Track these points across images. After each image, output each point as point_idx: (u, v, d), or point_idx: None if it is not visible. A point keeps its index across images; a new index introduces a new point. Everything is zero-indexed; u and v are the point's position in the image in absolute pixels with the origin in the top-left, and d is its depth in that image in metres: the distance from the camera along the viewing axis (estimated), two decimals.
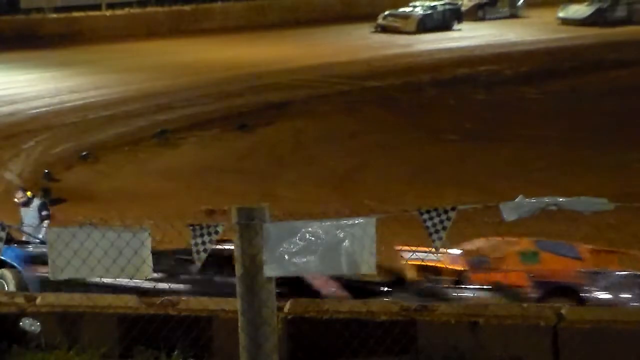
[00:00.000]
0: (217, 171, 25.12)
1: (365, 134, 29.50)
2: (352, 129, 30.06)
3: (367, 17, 47.20)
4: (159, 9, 46.28)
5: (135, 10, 45.88)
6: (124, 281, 10.20)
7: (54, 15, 43.97)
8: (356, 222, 5.64)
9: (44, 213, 16.09)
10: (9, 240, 14.07)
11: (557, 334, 7.07)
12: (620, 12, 47.96)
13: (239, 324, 5.43)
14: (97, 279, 10.76)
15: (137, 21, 44.35)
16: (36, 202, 16.20)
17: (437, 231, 6.19)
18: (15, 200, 16.25)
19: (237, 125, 30.20)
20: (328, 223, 5.62)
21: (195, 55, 40.42)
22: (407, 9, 47.08)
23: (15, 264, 13.85)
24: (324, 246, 5.55)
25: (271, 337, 5.47)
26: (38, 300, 8.29)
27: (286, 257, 5.50)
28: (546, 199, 6.26)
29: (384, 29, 45.95)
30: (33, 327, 7.77)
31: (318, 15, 48.96)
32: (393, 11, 46.79)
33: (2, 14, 42.84)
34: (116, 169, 25.66)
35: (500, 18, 50.07)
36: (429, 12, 46.59)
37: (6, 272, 13.79)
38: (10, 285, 13.44)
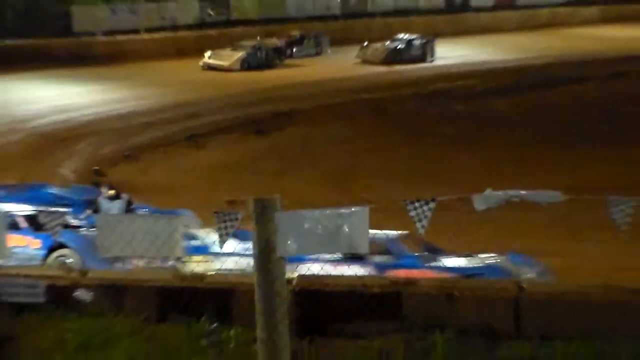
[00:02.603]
0: (237, 168, 25.15)
1: (359, 138, 29.51)
2: (349, 134, 30.08)
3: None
4: (188, 33, 46.27)
5: (168, 34, 45.84)
6: None
7: (102, 38, 43.93)
8: (352, 211, 5.67)
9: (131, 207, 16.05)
10: (67, 226, 14.18)
11: (519, 303, 7.09)
12: (415, 51, 45.23)
13: (256, 295, 5.45)
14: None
15: (169, 43, 44.32)
16: (123, 198, 16.10)
17: (420, 219, 6.24)
18: (103, 195, 15.99)
19: (254, 130, 30.26)
20: (329, 212, 5.65)
21: (216, 73, 40.51)
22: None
23: (72, 245, 13.93)
24: (326, 231, 5.58)
25: (282, 306, 5.50)
26: (89, 275, 8.32)
27: (294, 240, 5.53)
28: (510, 192, 6.31)
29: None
30: (86, 297, 7.79)
31: None
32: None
33: (57, 37, 42.77)
34: (152, 167, 25.70)
35: (309, 56, 45.77)
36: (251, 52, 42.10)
37: (66, 252, 13.86)
38: (69, 262, 13.51)
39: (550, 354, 6.64)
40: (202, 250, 13.50)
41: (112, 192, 16.01)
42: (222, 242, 6.31)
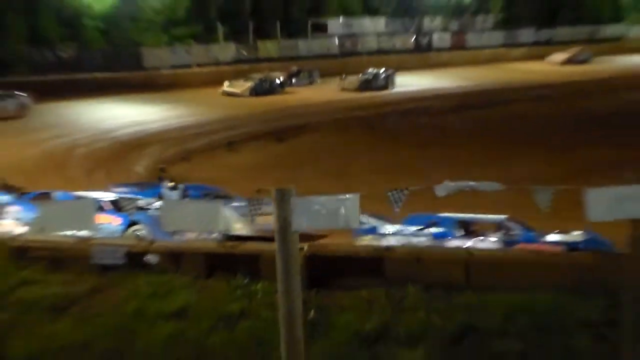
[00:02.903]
0: (263, 166, 25.15)
1: (353, 143, 29.50)
2: (346, 141, 30.06)
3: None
4: (227, 67, 46.11)
5: (213, 68, 45.70)
6: None
7: (164, 71, 43.88)
8: (347, 197, 5.67)
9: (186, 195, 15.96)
10: (139, 208, 14.21)
11: (469, 264, 7.09)
12: (381, 81, 44.13)
13: (277, 259, 5.46)
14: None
15: (213, 75, 44.00)
16: (179, 188, 16.03)
17: (396, 203, 6.24)
18: (166, 186, 16.00)
19: (275, 138, 30.24)
20: (331, 198, 5.66)
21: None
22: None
23: (145, 222, 13.96)
24: (328, 211, 5.58)
25: (296, 266, 5.50)
26: (156, 244, 8.33)
27: (305, 218, 5.53)
28: (462, 183, 6.29)
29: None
30: (154, 260, 7.81)
31: None
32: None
33: (132, 70, 42.80)
34: (201, 166, 25.69)
35: (303, 85, 44.29)
36: (258, 82, 41.09)
37: (139, 227, 13.89)
38: (140, 235, 13.53)
39: (491, 301, 6.62)
40: (372, 231, 13.20)
41: (172, 184, 15.91)
42: (252, 220, 6.30)
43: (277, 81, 42.22)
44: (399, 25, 58.88)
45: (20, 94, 32.58)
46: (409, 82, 46.60)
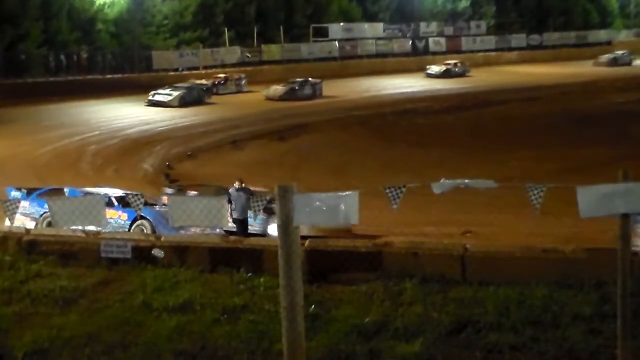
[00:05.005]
0: (266, 164, 25.05)
1: (351, 142, 29.41)
2: (343, 139, 29.96)
3: None
4: (233, 69, 45.98)
5: (218, 70, 45.36)
6: None
7: (172, 73, 43.87)
8: (347, 193, 5.56)
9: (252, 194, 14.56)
10: (146, 204, 14.08)
11: (464, 259, 7.00)
12: (307, 90, 40.03)
13: (279, 253, 5.35)
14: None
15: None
16: (246, 190, 15.02)
17: (394, 199, 6.12)
18: (233, 186, 15.21)
19: (277, 137, 30.16)
20: (330, 194, 5.54)
21: (252, 96, 40.23)
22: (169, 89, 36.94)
23: (149, 218, 13.85)
24: (328, 208, 5.47)
25: (297, 261, 5.39)
26: (162, 238, 8.24)
27: (306, 214, 5.43)
28: (458, 180, 6.18)
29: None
30: (159, 254, 7.72)
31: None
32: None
33: (142, 72, 42.82)
34: (207, 162, 25.62)
35: (230, 93, 40.70)
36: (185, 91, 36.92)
37: (145, 222, 13.79)
38: (147, 230, 13.44)
39: (486, 295, 6.55)
40: None
41: (239, 184, 15.24)
42: (256, 215, 6.21)
43: (204, 89, 38.46)
44: (397, 30, 58.80)
45: None
46: (405, 84, 46.64)
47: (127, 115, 33.37)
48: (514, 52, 62.68)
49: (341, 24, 55.52)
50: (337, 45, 53.68)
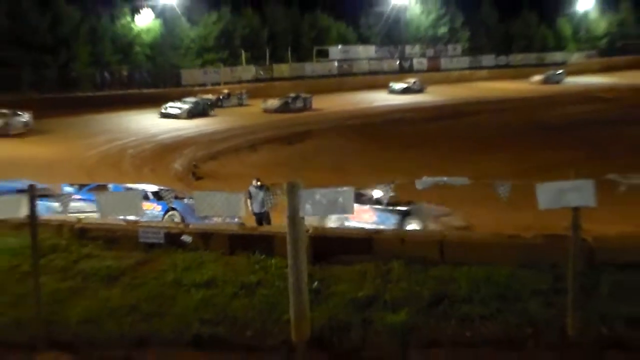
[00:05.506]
0: (276, 164, 25.08)
1: (348, 146, 29.41)
2: (341, 144, 29.97)
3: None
4: (248, 85, 45.90)
5: (236, 86, 45.17)
6: None
7: (198, 88, 43.73)
8: (343, 189, 5.60)
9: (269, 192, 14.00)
10: (176, 197, 14.10)
11: (442, 243, 7.02)
12: (299, 104, 38.90)
13: (287, 239, 5.40)
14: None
15: (237, 91, 43.91)
16: (264, 189, 14.38)
17: (386, 193, 6.16)
18: (253, 185, 14.58)
19: (286, 142, 30.16)
20: (331, 190, 5.59)
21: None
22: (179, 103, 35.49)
23: (179, 209, 13.88)
24: (328, 201, 5.51)
25: (303, 245, 5.44)
26: (190, 226, 8.27)
27: (310, 206, 5.47)
28: (437, 178, 6.22)
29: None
30: (188, 240, 7.75)
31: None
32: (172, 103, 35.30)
33: (172, 87, 42.75)
34: (227, 163, 25.68)
35: (233, 106, 39.40)
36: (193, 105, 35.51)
37: (175, 213, 13.82)
38: (177, 219, 13.47)
39: (460, 273, 6.56)
40: None
41: (259, 182, 14.69)
42: (268, 207, 6.23)
43: (208, 103, 37.05)
44: (386, 51, 58.85)
45: (22, 112, 28.44)
46: (391, 98, 46.47)
47: (159, 123, 33.39)
48: (484, 70, 62.51)
49: (339, 46, 55.55)
50: (336, 64, 53.68)
